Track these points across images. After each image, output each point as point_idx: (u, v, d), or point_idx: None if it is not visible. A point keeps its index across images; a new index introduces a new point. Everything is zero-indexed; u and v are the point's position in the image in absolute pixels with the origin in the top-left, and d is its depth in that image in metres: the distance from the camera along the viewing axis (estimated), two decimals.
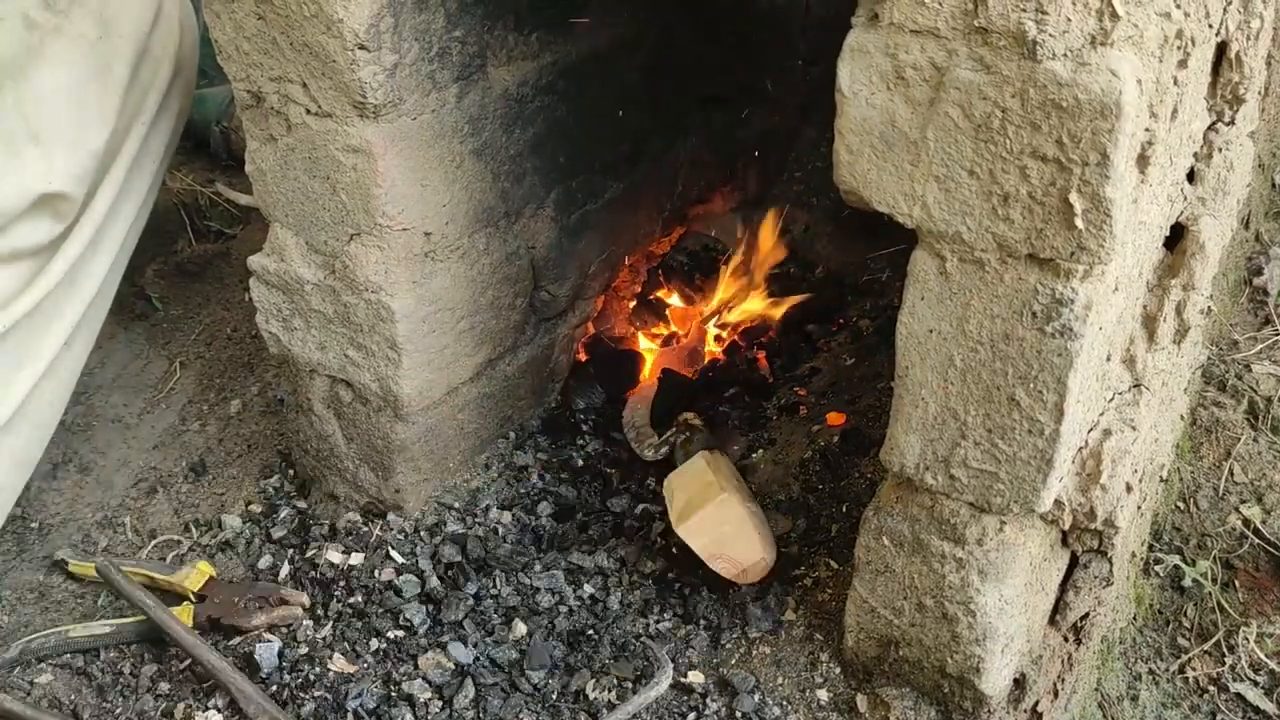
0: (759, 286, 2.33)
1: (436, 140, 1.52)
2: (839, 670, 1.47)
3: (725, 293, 2.32)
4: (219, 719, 1.48)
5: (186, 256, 2.37)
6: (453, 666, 1.55)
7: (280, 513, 1.86)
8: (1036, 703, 1.40)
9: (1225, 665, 1.59)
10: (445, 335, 1.67)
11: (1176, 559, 1.67)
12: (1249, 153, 1.47)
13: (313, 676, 1.53)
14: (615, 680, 1.52)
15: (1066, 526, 1.25)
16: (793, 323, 2.24)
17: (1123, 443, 1.20)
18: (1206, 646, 1.61)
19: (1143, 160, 0.97)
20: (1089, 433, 1.21)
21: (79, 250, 1.58)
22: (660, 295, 2.31)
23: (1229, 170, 1.28)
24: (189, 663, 1.55)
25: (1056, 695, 1.42)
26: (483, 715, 1.49)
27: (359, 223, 1.51)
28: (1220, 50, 1.14)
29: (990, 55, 0.92)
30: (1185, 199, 1.24)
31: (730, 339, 2.25)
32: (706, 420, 1.94)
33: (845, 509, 1.71)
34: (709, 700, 1.47)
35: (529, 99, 1.67)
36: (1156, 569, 1.68)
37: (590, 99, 1.81)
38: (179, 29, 1.68)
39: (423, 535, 1.76)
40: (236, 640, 1.61)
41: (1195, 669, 1.60)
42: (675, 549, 1.69)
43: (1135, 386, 1.26)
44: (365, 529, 1.78)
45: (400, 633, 1.60)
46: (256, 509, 1.87)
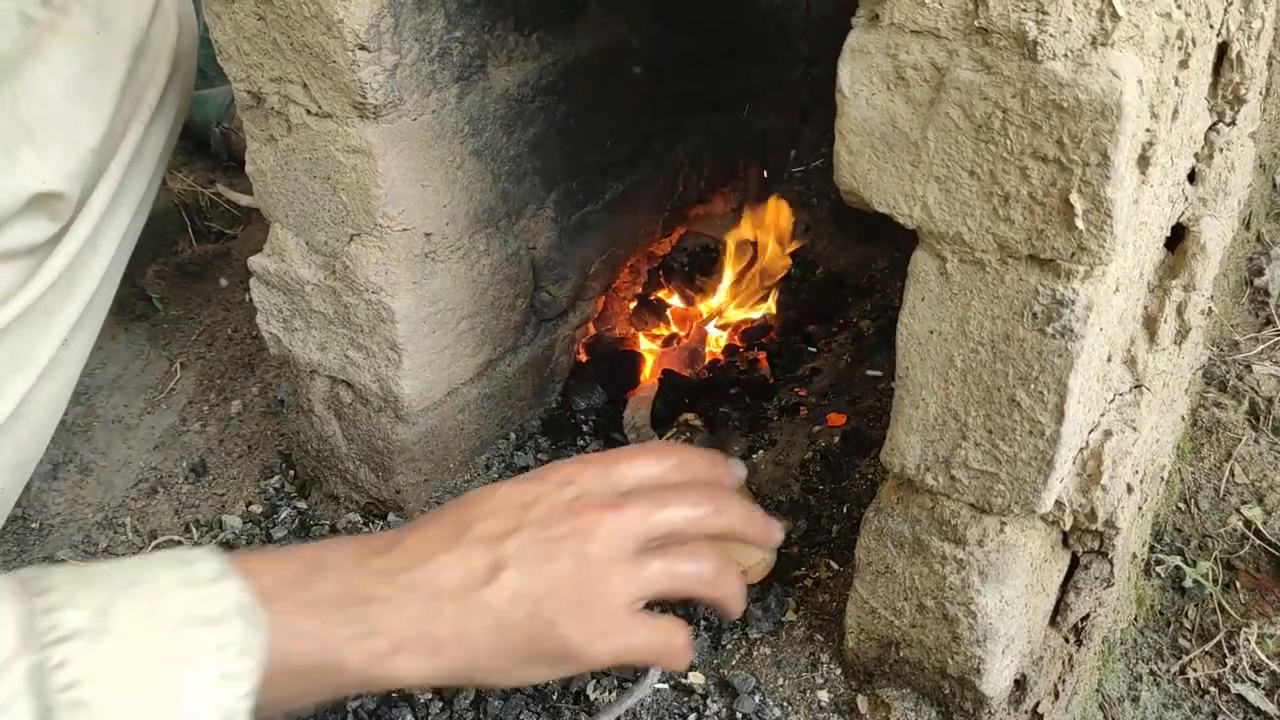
0: (759, 286, 2.32)
1: (437, 141, 1.51)
2: (840, 671, 1.47)
3: (726, 294, 2.32)
4: None
5: (187, 257, 2.37)
6: None
7: (281, 513, 1.85)
8: (1037, 704, 1.39)
9: (1226, 666, 1.59)
10: (446, 336, 1.66)
11: (1177, 560, 1.67)
12: (1250, 153, 1.46)
13: None
14: (615, 681, 1.52)
15: (1067, 527, 1.25)
16: (793, 323, 2.23)
17: (1124, 444, 1.20)
18: (1207, 647, 1.61)
19: (1143, 161, 0.97)
20: (1090, 434, 1.20)
21: (76, 249, 1.56)
22: (661, 296, 2.30)
23: (1230, 171, 1.28)
24: None
25: (1057, 696, 1.42)
26: (483, 716, 1.48)
27: (359, 223, 1.50)
28: (1221, 50, 1.13)
29: (991, 56, 0.91)
30: (1186, 199, 1.24)
31: (730, 339, 2.24)
32: (707, 421, 1.94)
33: (846, 510, 1.71)
34: (709, 701, 1.47)
35: (529, 99, 1.67)
36: (1157, 570, 1.68)
37: (591, 99, 1.81)
38: (177, 24, 1.65)
39: None
40: None
41: (1196, 670, 1.60)
42: None
43: (1136, 387, 1.26)
44: (366, 529, 1.78)
45: None
46: (257, 509, 1.87)
